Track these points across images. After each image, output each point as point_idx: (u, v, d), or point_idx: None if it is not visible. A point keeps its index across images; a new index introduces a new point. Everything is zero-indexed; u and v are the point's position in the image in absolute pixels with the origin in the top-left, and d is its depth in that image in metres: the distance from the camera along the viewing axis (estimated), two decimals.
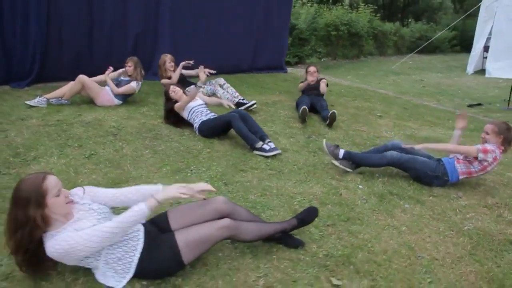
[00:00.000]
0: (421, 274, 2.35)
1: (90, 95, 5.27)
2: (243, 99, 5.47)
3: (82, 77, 5.16)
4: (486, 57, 11.41)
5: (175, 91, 4.54)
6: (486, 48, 11.41)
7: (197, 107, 4.40)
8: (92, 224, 1.93)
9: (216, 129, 4.21)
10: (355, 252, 2.49)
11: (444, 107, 6.89)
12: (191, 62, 5.83)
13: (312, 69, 5.78)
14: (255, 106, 5.33)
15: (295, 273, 2.26)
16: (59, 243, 1.84)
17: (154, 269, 2.04)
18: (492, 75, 10.73)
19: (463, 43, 17.87)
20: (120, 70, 5.54)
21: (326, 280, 2.23)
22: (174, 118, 4.53)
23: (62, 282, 2.08)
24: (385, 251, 2.53)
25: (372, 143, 4.47)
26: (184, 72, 5.99)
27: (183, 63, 5.80)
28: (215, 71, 5.96)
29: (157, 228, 2.19)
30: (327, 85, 5.75)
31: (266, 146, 3.93)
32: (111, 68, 5.39)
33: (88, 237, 1.85)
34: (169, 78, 5.73)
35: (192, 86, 4.76)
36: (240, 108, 4.74)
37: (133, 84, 5.32)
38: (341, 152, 3.63)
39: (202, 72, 5.85)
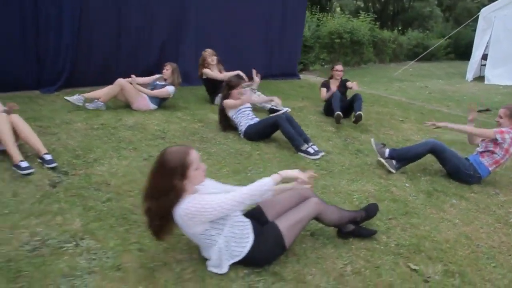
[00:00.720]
0: (484, 260, 2.62)
1: (127, 99, 5.43)
2: (276, 106, 5.69)
3: (121, 81, 5.33)
4: (484, 65, 11.87)
5: (243, 92, 4.71)
6: (484, 56, 11.88)
7: (244, 109, 4.62)
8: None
9: (263, 131, 4.44)
10: (421, 241, 2.76)
11: (455, 112, 7.23)
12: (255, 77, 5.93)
13: (339, 67, 5.91)
14: (288, 111, 5.58)
15: (374, 260, 2.52)
16: (193, 203, 2.08)
17: (263, 257, 2.27)
18: (491, 82, 11.17)
19: (457, 51, 18.46)
20: (157, 75, 5.74)
21: (404, 266, 2.48)
22: (225, 122, 4.75)
23: (171, 272, 2.29)
24: (447, 241, 2.80)
25: (404, 145, 4.76)
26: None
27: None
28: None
29: (257, 221, 2.42)
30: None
31: (310, 149, 4.18)
32: (133, 77, 5.42)
33: (219, 201, 2.09)
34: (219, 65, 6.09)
35: (248, 89, 4.95)
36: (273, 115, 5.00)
37: (169, 88, 5.51)
38: (387, 151, 3.91)
39: (255, 76, 5.97)
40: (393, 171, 3.90)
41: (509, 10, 11.02)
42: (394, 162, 3.92)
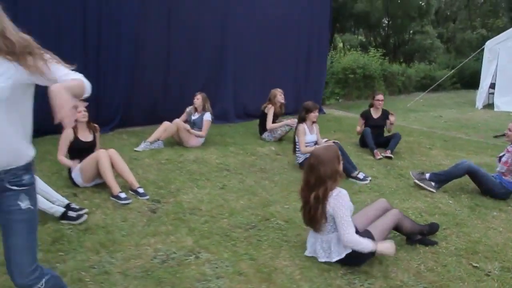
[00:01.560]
0: None
1: (181, 138, 6.09)
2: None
3: (178, 121, 6.03)
4: (492, 93, 12.58)
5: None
6: (492, 85, 12.60)
7: (311, 142, 5.25)
8: None
9: None
10: (476, 245, 3.30)
11: (475, 138, 7.83)
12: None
13: (380, 97, 6.35)
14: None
15: (441, 260, 3.05)
16: (343, 199, 2.76)
17: (360, 257, 2.82)
18: (501, 109, 11.83)
19: (462, 81, 19.25)
20: (188, 109, 6.37)
21: (467, 264, 3.02)
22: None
23: (283, 274, 2.82)
24: (497, 244, 3.34)
25: (438, 169, 5.34)
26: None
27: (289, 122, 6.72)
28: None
29: None
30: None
31: (360, 175, 4.78)
32: (186, 126, 6.08)
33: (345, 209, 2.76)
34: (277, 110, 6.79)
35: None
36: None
37: (207, 116, 6.13)
38: (427, 175, 4.50)
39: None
40: (434, 190, 4.46)
41: None
42: (432, 183, 4.50)
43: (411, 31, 26.98)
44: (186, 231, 3.41)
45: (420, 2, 23.35)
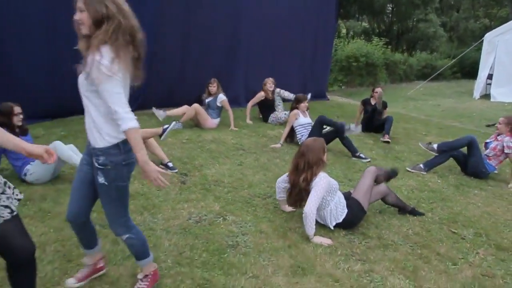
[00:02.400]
0: (502, 227, 3.79)
1: (199, 120, 6.72)
2: None
3: (196, 106, 6.64)
4: (490, 84, 13.13)
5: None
6: (489, 76, 13.15)
7: (307, 124, 5.91)
8: None
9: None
10: (456, 216, 3.94)
11: (469, 127, 8.45)
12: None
13: (378, 90, 7.08)
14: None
15: (426, 227, 3.69)
16: (323, 181, 3.35)
17: (354, 219, 3.47)
18: (497, 99, 12.40)
19: (462, 70, 19.75)
20: (204, 95, 7.05)
21: (447, 230, 3.66)
22: (290, 138, 6.05)
23: (296, 233, 3.47)
24: (474, 216, 3.98)
25: (431, 154, 5.95)
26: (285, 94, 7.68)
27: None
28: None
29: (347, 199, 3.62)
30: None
31: (362, 155, 5.42)
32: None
33: (320, 189, 3.34)
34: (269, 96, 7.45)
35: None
36: None
37: (222, 96, 6.83)
38: (435, 146, 5.20)
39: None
40: (424, 173, 5.10)
41: (511, 35, 12.33)
42: (422, 166, 5.17)
43: (414, 19, 27.25)
44: (213, 198, 4.04)
45: None
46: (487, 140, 5.42)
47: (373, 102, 7.14)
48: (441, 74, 18.93)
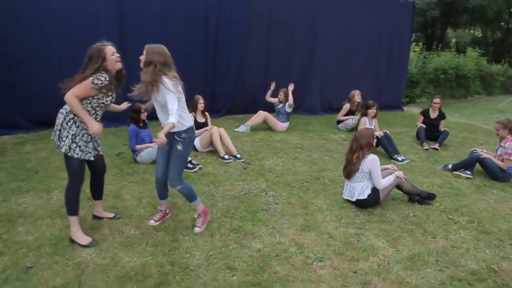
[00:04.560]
0: (499, 218, 4.43)
1: (270, 125, 8.04)
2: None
3: (264, 113, 7.97)
4: None
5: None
6: None
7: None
8: None
9: None
10: (460, 208, 4.65)
11: None
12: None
13: (436, 100, 7.66)
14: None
15: (427, 212, 4.51)
16: (376, 162, 4.42)
17: (367, 205, 4.46)
18: None
19: None
20: (275, 103, 8.27)
21: (445, 216, 4.44)
22: None
23: (317, 206, 4.57)
24: (478, 209, 4.65)
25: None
26: None
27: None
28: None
29: None
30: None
31: (399, 158, 6.25)
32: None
33: (377, 168, 4.43)
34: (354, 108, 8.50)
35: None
36: None
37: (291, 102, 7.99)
38: (450, 166, 5.83)
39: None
40: (471, 176, 5.73)
41: None
42: (468, 172, 5.78)
43: None
44: (263, 179, 5.30)
45: None
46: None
47: (432, 113, 7.73)
48: None
